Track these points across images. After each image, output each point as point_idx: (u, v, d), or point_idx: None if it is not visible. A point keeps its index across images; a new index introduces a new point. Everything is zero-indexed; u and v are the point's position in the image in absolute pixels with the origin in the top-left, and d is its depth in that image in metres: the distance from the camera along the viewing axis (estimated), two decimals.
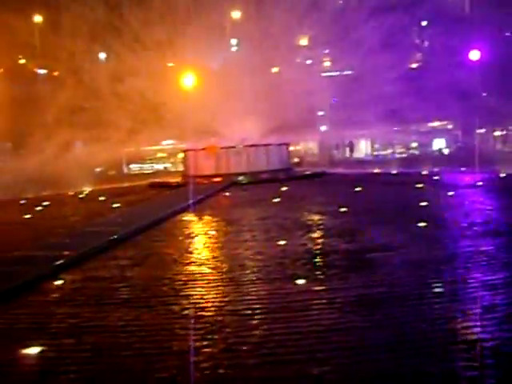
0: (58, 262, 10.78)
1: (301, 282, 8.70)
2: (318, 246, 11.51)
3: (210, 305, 7.92)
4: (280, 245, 11.79)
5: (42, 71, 53.25)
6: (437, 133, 59.47)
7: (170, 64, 46.68)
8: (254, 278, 9.24)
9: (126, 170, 57.44)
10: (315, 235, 12.94)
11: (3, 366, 6.13)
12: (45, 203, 25.47)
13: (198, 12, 40.57)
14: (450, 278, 8.54)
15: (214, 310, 7.65)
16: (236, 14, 45.71)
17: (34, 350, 6.44)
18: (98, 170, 50.54)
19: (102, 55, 50.04)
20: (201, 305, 7.93)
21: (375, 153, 63.38)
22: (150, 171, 57.31)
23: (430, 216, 14.52)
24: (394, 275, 8.89)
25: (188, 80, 42.02)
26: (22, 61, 52.81)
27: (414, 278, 8.64)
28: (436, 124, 58.10)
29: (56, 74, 51.20)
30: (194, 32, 39.72)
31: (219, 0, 41.37)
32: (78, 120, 40.23)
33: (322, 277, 9.03)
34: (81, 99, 40.61)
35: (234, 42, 47.15)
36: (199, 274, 9.80)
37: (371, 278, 8.76)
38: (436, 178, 27.77)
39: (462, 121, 52.18)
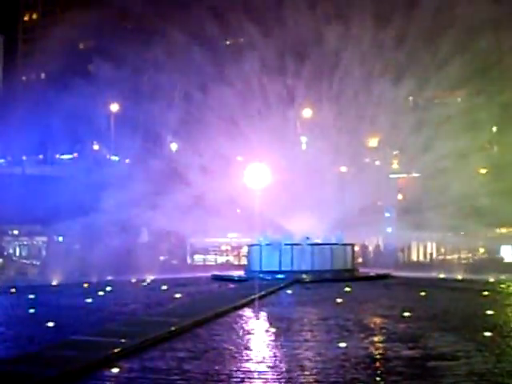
0: (116, 350, 10.75)
1: None
2: (380, 351, 11.24)
3: None
4: (341, 347, 11.54)
5: (115, 158, 54.74)
6: (504, 239, 58.32)
7: (239, 158, 47.35)
8: (313, 381, 9.03)
9: (189, 261, 57.70)
10: (377, 339, 12.66)
11: None
12: (107, 288, 25.66)
13: (269, 109, 41.28)
14: None
15: None
16: (307, 113, 46.33)
17: None
18: (162, 258, 50.93)
19: (174, 146, 51.23)
20: None
21: (441, 256, 62.37)
22: (213, 263, 57.43)
23: (496, 325, 14.13)
24: None
25: (257, 174, 42.51)
26: (96, 146, 54.40)
27: None
28: (504, 230, 57.06)
29: (127, 161, 52.51)
30: (265, 128, 40.35)
31: (290, 98, 42.02)
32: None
33: (382, 383, 8.76)
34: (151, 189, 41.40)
35: (303, 139, 47.61)
36: (257, 371, 9.63)
37: None
38: (503, 285, 27.11)
39: None
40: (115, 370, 9.61)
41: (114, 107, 52.09)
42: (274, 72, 41.30)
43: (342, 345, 11.73)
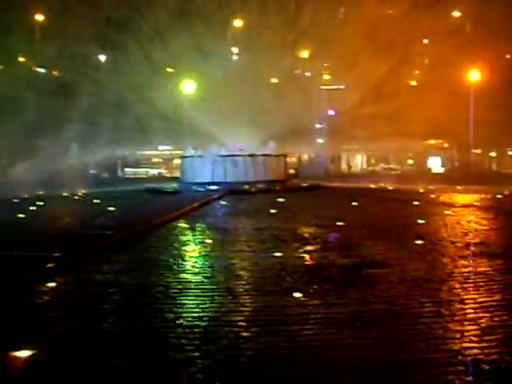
0: (51, 264, 10.63)
1: (297, 295, 8.59)
2: (315, 260, 11.40)
3: (205, 315, 7.80)
4: (276, 256, 11.68)
5: (42, 70, 53.20)
6: (432, 150, 59.53)
7: (170, 69, 46.65)
8: (250, 289, 9.12)
9: (120, 174, 57.30)
10: (312, 248, 12.82)
11: None
12: (39, 203, 25.31)
13: (201, 17, 40.59)
14: (448, 297, 8.43)
15: (210, 320, 7.52)
16: (238, 23, 45.71)
17: (23, 353, 6.31)
18: (92, 172, 50.41)
19: (102, 57, 50.13)
20: (196, 314, 7.80)
21: (370, 167, 63.42)
22: (145, 176, 57.17)
23: (426, 234, 14.48)
24: (391, 293, 8.77)
25: (188, 86, 42.08)
26: (22, 59, 52.71)
27: (411, 297, 8.52)
28: (432, 142, 58.13)
29: (55, 73, 51.15)
30: (196, 37, 39.73)
31: (222, 7, 41.34)
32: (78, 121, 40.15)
33: (318, 291, 8.92)
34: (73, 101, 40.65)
35: (235, 50, 47.14)
36: (195, 282, 9.69)
37: (368, 295, 8.63)
38: (432, 195, 27.74)
39: (457, 140, 52.28)
40: (51, 285, 9.53)
41: (40, 17, 50.38)
42: None
43: (278, 254, 11.87)
